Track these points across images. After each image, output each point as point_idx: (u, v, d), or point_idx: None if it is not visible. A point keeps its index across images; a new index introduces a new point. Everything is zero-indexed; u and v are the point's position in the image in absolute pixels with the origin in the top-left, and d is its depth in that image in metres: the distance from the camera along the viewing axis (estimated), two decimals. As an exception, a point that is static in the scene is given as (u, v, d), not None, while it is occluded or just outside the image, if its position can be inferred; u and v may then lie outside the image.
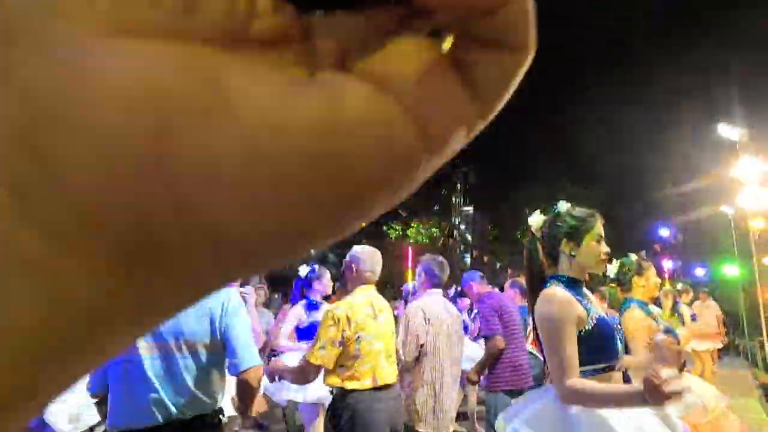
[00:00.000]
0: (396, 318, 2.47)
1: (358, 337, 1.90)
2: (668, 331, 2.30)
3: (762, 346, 9.32)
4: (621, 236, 21.29)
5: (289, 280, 3.75)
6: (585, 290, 1.56)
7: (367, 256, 2.09)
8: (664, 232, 17.45)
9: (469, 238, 18.42)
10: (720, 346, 6.43)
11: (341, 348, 1.87)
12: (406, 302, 4.52)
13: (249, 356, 1.54)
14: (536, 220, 1.69)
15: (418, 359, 2.43)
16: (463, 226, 18.54)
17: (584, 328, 1.44)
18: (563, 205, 1.63)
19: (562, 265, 1.57)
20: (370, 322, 1.95)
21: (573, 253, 1.54)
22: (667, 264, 15.66)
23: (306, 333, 3.02)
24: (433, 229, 18.43)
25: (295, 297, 3.38)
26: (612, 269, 2.57)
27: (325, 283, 3.26)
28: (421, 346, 2.41)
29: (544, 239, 1.63)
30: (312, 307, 3.17)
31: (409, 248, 20.26)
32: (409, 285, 6.00)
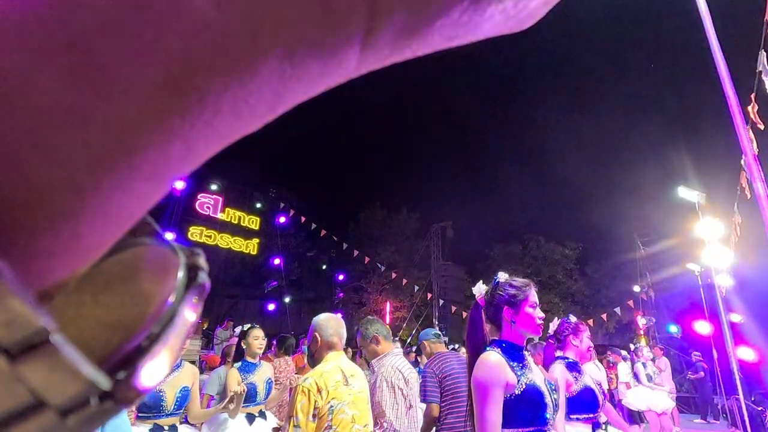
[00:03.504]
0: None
1: (331, 406, 1.83)
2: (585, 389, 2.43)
3: (739, 405, 9.29)
4: (595, 293, 21.66)
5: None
6: (525, 354, 1.64)
7: (328, 323, 2.07)
8: (636, 289, 17.81)
9: (447, 292, 18.32)
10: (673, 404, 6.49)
11: (316, 421, 1.80)
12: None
13: None
14: (479, 288, 1.79)
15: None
16: (441, 281, 18.49)
17: (513, 393, 1.51)
18: (503, 275, 1.76)
19: (503, 330, 1.65)
20: (342, 389, 1.90)
21: (513, 320, 1.63)
22: (642, 321, 15.82)
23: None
24: (415, 286, 18.28)
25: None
26: (552, 326, 2.76)
27: (250, 341, 3.02)
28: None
29: (487, 307, 1.72)
30: (247, 368, 2.97)
31: (388, 303, 19.92)
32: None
